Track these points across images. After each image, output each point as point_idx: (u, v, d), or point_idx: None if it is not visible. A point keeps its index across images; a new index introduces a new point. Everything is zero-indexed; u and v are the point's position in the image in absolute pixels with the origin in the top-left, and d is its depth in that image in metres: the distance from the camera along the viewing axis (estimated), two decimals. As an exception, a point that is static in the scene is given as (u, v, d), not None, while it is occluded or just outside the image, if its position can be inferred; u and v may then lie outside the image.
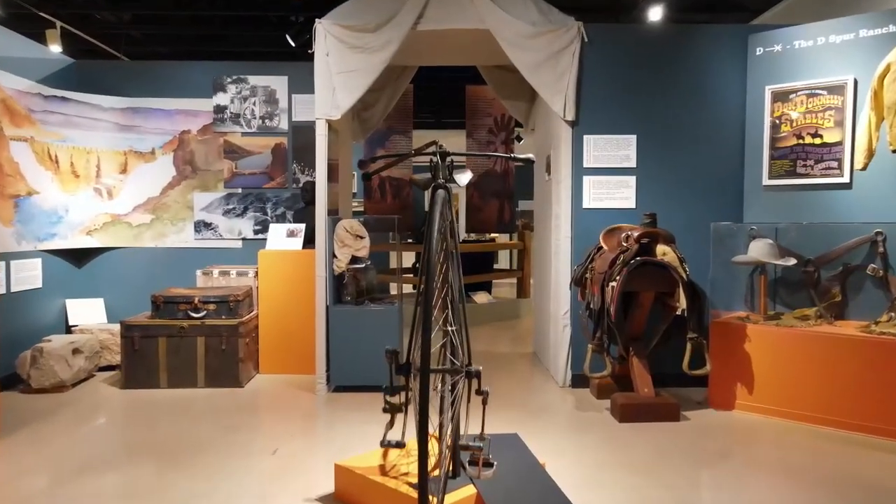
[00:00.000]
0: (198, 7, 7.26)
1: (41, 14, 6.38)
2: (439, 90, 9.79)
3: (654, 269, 3.96)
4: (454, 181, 2.38)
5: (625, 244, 4.06)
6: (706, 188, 4.80)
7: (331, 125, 4.78)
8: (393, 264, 6.93)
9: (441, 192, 2.29)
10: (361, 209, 10.00)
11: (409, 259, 9.29)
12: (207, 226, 5.84)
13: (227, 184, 5.84)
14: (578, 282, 4.50)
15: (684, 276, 3.96)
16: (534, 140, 6.10)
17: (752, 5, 6.65)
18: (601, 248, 4.43)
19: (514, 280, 8.98)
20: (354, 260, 4.78)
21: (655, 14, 5.86)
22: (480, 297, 8.17)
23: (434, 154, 2.32)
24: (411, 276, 9.27)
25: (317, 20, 4.61)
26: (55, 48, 6.40)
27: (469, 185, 8.66)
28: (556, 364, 4.97)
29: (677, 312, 4.03)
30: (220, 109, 5.80)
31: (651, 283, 4.01)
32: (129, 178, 5.78)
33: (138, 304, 5.21)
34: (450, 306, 2.41)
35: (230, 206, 5.84)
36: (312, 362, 4.70)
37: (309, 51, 4.66)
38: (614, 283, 3.96)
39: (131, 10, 6.90)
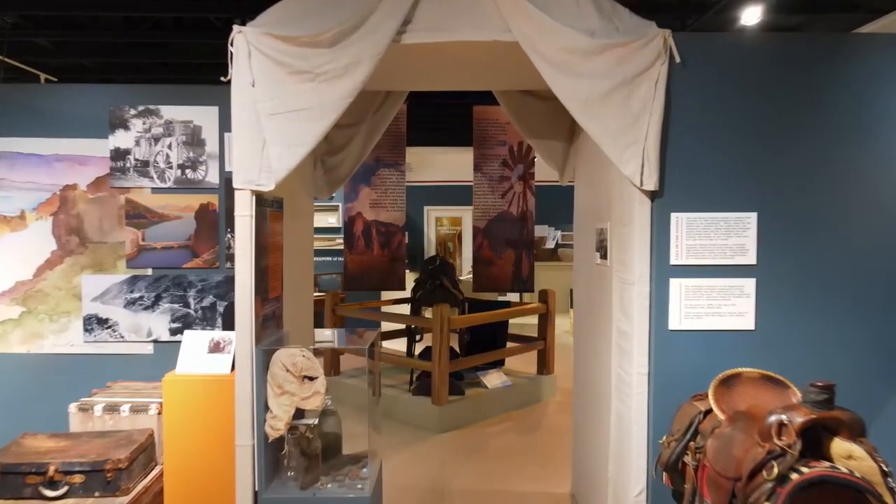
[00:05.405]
0: (126, 7, 5.50)
1: None
2: (437, 109, 7.96)
3: (837, 492, 2.15)
4: None
5: (778, 441, 2.24)
6: (867, 296, 2.99)
7: (265, 196, 2.99)
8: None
9: None
10: (340, 247, 8.27)
11: (402, 304, 7.50)
12: (102, 322, 4.03)
13: (130, 262, 4.03)
14: (672, 467, 2.69)
15: (892, 503, 2.15)
16: (576, 194, 4.26)
17: (867, 2, 4.83)
18: (710, 410, 2.62)
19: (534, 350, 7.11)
20: (300, 415, 2.97)
21: (752, 15, 4.02)
22: (491, 379, 6.36)
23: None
24: (402, 337, 7.49)
25: (235, 27, 2.81)
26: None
27: (476, 233, 6.86)
28: (621, 565, 3.17)
29: (870, 559, 2.22)
30: (120, 155, 3.99)
31: (831, 516, 2.20)
32: (-14, 256, 3.99)
33: (2, 436, 3.47)
34: None
35: (136, 295, 4.03)
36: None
37: (224, 78, 2.86)
38: (761, 515, 2.15)
39: (20, 10, 5.07)
